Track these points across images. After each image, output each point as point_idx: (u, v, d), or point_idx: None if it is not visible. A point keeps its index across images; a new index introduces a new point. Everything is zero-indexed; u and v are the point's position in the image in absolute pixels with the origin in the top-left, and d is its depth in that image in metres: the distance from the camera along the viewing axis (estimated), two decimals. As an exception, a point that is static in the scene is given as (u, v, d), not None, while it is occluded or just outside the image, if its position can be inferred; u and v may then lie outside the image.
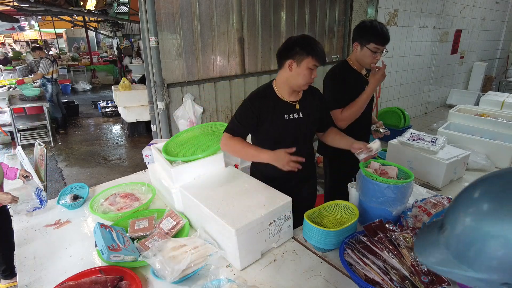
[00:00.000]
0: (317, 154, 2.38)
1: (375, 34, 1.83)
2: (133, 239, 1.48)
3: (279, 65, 1.63)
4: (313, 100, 1.73)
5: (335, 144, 1.79)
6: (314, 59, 1.52)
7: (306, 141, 1.76)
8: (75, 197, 1.85)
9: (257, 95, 1.66)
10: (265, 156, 1.55)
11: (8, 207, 2.42)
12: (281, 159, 1.49)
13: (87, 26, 11.35)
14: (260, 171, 1.80)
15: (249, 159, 1.68)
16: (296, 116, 1.66)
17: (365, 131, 2.25)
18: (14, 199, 1.72)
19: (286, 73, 1.59)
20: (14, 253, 2.49)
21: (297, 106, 1.66)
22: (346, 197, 1.66)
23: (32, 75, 7.22)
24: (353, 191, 1.65)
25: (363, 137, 2.16)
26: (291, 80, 1.59)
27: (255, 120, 1.62)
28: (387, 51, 1.92)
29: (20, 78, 6.59)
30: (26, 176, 1.98)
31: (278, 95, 1.65)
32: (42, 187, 1.87)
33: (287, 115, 1.64)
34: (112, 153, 5.36)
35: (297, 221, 1.52)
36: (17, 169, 2.07)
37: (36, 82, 6.22)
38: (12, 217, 1.80)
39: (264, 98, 1.64)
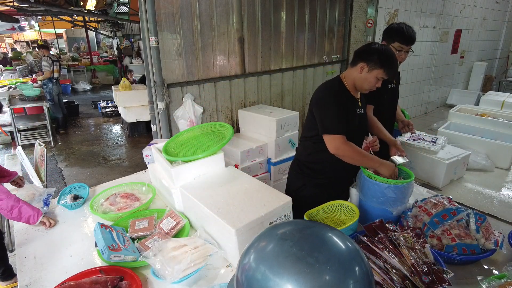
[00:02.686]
0: None
1: (400, 33, 2.00)
2: (133, 239, 1.48)
3: (353, 63, 1.69)
4: (364, 99, 1.84)
5: (373, 133, 1.86)
6: (385, 73, 1.59)
7: (363, 137, 1.80)
8: (75, 197, 1.85)
9: (336, 89, 1.70)
10: (375, 164, 1.59)
11: None
12: (390, 168, 1.56)
13: (87, 26, 11.35)
14: (312, 172, 1.85)
15: (363, 165, 1.64)
16: (361, 112, 1.75)
17: (388, 127, 2.25)
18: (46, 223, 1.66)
19: (355, 73, 1.66)
20: (11, 253, 2.50)
21: (359, 103, 1.75)
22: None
23: (33, 75, 7.23)
24: (353, 191, 1.65)
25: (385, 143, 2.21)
26: (358, 81, 1.67)
27: (345, 111, 1.66)
28: (413, 51, 2.06)
29: (32, 77, 6.63)
30: (21, 180, 1.93)
31: (350, 91, 1.72)
32: (52, 193, 1.87)
33: (358, 110, 1.73)
34: (112, 153, 5.36)
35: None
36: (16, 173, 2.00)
37: (37, 82, 6.22)
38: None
39: (343, 92, 1.71)
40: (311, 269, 0.57)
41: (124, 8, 8.43)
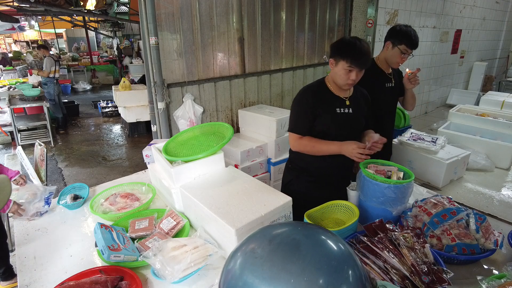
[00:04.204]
0: None
1: (407, 37, 2.01)
2: (133, 239, 1.48)
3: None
4: (362, 99, 1.81)
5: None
6: (349, 62, 1.57)
7: (353, 137, 1.75)
8: (76, 197, 1.85)
9: (309, 89, 1.75)
10: (335, 148, 1.64)
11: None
12: (351, 149, 1.57)
13: (87, 26, 11.35)
14: (297, 168, 1.87)
15: (321, 153, 1.73)
16: (346, 111, 1.72)
17: (387, 127, 2.27)
18: (19, 212, 1.69)
19: (332, 70, 1.70)
20: (10, 253, 2.50)
21: (347, 102, 1.73)
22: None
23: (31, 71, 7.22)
24: (352, 193, 1.65)
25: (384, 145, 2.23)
26: (334, 77, 1.69)
27: (312, 112, 1.69)
28: (413, 55, 2.08)
29: (27, 77, 6.63)
30: (22, 179, 1.91)
31: (330, 89, 1.73)
32: (53, 191, 1.87)
33: (338, 109, 1.70)
34: (112, 153, 5.36)
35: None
36: (17, 172, 1.97)
37: (35, 80, 6.22)
38: (11, 217, 1.80)
39: (317, 91, 1.72)
40: (287, 285, 0.53)
41: (124, 8, 8.43)
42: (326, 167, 1.79)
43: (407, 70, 2.15)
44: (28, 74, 6.58)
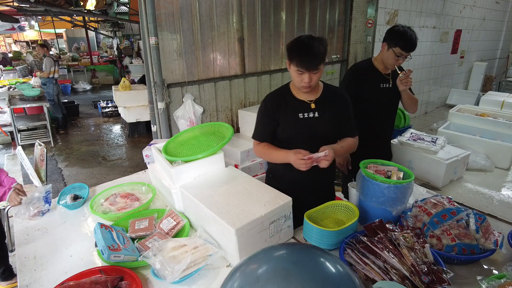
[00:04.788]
0: None
1: (402, 39, 1.91)
2: (133, 239, 1.48)
3: None
4: (334, 101, 1.67)
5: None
6: (297, 65, 1.46)
7: (323, 142, 1.62)
8: (75, 197, 1.85)
9: (271, 94, 1.70)
10: (282, 156, 1.59)
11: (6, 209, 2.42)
12: (293, 159, 1.49)
13: (87, 26, 11.35)
14: (276, 177, 1.81)
15: (276, 161, 1.69)
16: (311, 115, 1.62)
17: (385, 129, 2.25)
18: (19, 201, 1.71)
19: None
20: (10, 253, 2.50)
21: (313, 106, 1.62)
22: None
23: (34, 72, 7.22)
24: (353, 191, 1.65)
25: (380, 141, 2.21)
26: (292, 80, 1.61)
27: (273, 119, 1.64)
28: (411, 58, 2.00)
29: (28, 77, 6.63)
30: (20, 191, 1.79)
31: (294, 93, 1.65)
32: (50, 189, 1.87)
33: (301, 114, 1.61)
34: (112, 153, 5.36)
35: (301, 222, 1.52)
36: (14, 181, 1.88)
37: (37, 82, 6.22)
38: (11, 217, 1.80)
39: (278, 97, 1.65)
40: None
41: (124, 8, 8.43)
42: (300, 174, 1.59)
43: (399, 72, 2.07)
44: (33, 76, 6.57)
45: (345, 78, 2.23)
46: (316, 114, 1.62)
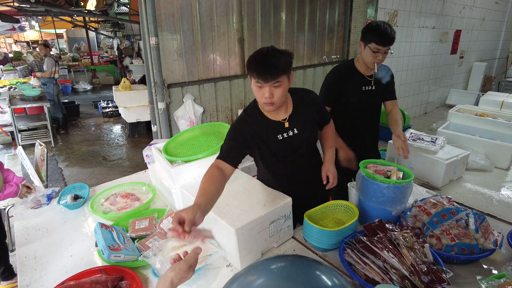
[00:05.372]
0: None
1: (376, 34, 1.83)
2: (133, 239, 1.49)
3: None
4: (306, 108, 1.55)
5: (321, 145, 1.76)
6: (256, 76, 1.32)
7: (308, 155, 1.62)
8: (76, 197, 1.86)
9: (245, 118, 1.48)
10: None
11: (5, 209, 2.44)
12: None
13: (88, 26, 11.35)
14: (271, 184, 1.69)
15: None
16: (290, 134, 1.50)
17: (368, 134, 2.21)
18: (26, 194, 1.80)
19: None
20: (11, 253, 2.51)
21: (286, 125, 1.49)
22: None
23: (34, 73, 7.23)
24: (353, 191, 1.65)
25: (366, 143, 2.17)
26: (255, 96, 1.43)
27: (244, 144, 1.45)
28: (392, 52, 1.91)
29: (28, 77, 6.65)
30: (28, 187, 1.92)
31: (266, 114, 1.48)
32: (56, 190, 1.95)
33: (280, 135, 1.49)
34: (112, 153, 5.36)
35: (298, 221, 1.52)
36: (23, 179, 1.98)
37: (37, 82, 6.23)
38: (12, 217, 1.81)
39: (253, 123, 1.47)
40: None
41: (124, 9, 8.44)
42: (290, 182, 1.58)
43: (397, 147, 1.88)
44: (32, 76, 6.59)
45: (325, 80, 2.09)
46: (295, 131, 1.50)
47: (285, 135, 1.49)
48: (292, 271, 0.62)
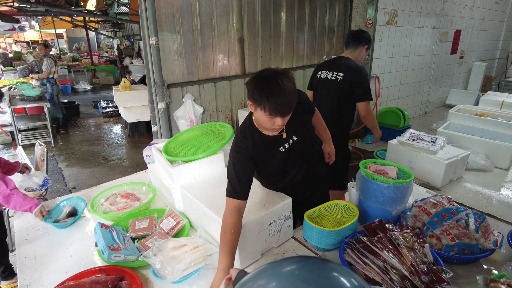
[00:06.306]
0: None
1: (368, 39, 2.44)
2: (133, 239, 1.49)
3: None
4: (301, 113, 1.49)
5: (316, 131, 1.78)
6: (269, 111, 1.20)
7: (309, 158, 1.61)
8: (72, 213, 1.75)
9: (244, 141, 1.40)
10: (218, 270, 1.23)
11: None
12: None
13: (88, 26, 11.34)
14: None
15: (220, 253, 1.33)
16: (290, 142, 1.46)
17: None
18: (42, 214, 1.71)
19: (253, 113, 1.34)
20: (11, 253, 2.51)
21: (284, 135, 1.44)
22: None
23: (30, 74, 7.23)
24: (353, 191, 1.65)
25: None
26: (258, 121, 1.35)
27: (254, 168, 1.41)
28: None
29: (28, 77, 6.66)
30: (26, 168, 2.08)
31: (263, 132, 1.41)
32: (48, 177, 2.05)
33: (281, 147, 1.45)
34: (112, 153, 5.36)
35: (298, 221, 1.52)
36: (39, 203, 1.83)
37: (37, 82, 6.23)
38: (12, 217, 1.81)
39: (252, 142, 1.40)
40: None
41: (124, 9, 8.44)
42: (290, 186, 1.57)
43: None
44: (30, 77, 6.62)
45: (366, 77, 2.44)
46: (295, 138, 1.47)
47: (286, 145, 1.46)
48: (314, 274, 0.59)
